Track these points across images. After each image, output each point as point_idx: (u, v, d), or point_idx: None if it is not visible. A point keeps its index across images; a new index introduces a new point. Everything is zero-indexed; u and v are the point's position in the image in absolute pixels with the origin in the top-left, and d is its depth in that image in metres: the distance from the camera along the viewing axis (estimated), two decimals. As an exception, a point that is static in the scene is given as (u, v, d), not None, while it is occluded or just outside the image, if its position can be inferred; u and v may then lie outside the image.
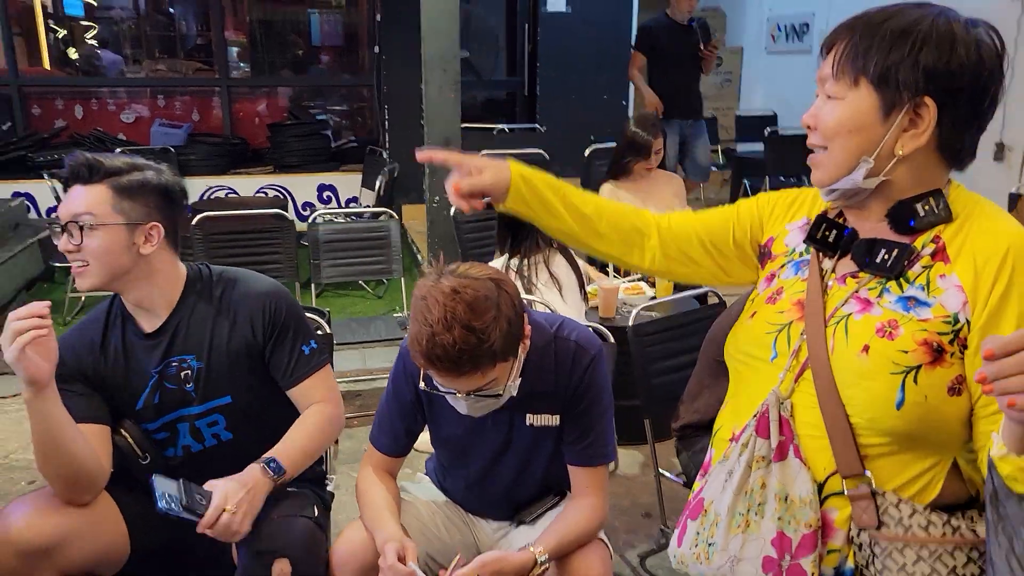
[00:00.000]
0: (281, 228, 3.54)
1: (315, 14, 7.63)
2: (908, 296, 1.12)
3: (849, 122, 1.12)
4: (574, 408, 1.62)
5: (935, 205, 1.12)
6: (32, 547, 1.50)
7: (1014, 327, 1.04)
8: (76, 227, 1.58)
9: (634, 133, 3.61)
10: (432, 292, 1.37)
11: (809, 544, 1.13)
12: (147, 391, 1.70)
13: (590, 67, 7.38)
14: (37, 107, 6.86)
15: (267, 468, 1.62)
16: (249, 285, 1.76)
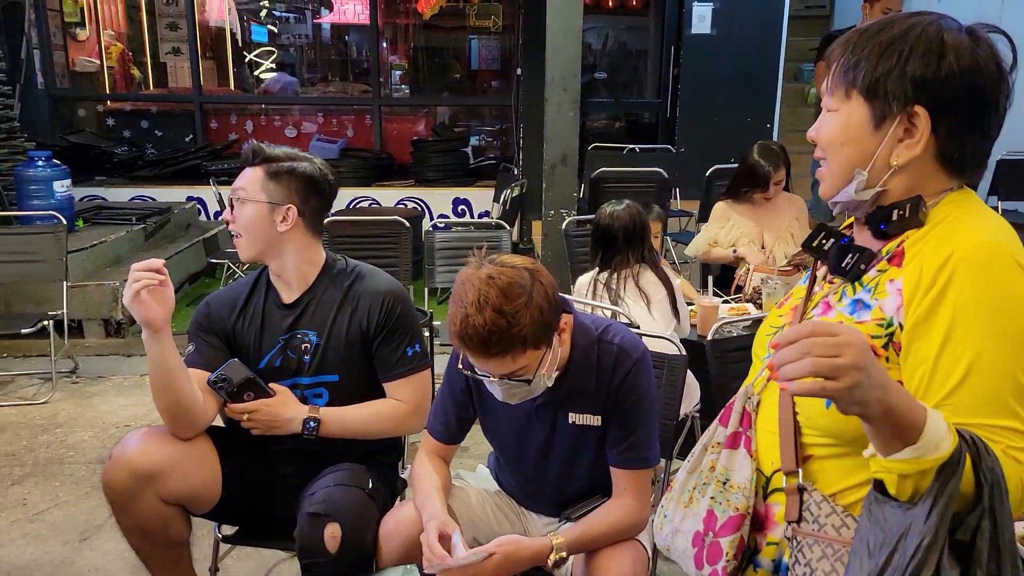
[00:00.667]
0: (399, 234, 3.77)
1: (475, 39, 8.00)
2: (857, 299, 1.12)
3: (842, 134, 1.12)
4: (615, 410, 1.64)
5: (908, 211, 1.09)
6: (143, 469, 1.74)
7: (942, 332, 1.01)
8: (232, 200, 1.87)
9: (755, 162, 3.49)
10: (470, 277, 1.46)
11: (732, 525, 1.18)
12: (271, 353, 1.92)
13: (734, 89, 7.25)
14: (215, 122, 7.63)
15: (305, 424, 1.85)
16: (374, 281, 1.94)
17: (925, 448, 0.93)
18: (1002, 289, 1.01)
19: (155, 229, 5.72)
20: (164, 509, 1.80)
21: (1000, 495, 0.94)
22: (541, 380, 1.55)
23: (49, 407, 3.70)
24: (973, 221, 1.09)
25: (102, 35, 7.82)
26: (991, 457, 0.95)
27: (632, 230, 2.82)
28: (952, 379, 1.00)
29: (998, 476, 0.94)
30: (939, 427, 0.95)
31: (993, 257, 1.03)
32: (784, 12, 7.27)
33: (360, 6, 7.91)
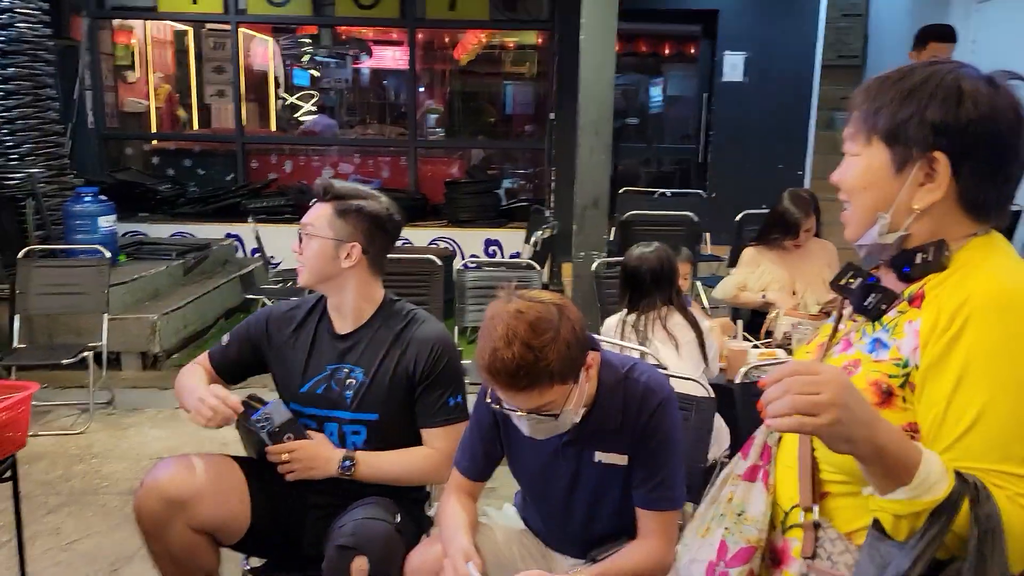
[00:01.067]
0: (431, 272, 3.82)
1: (510, 85, 8.16)
2: (876, 338, 1.13)
3: (863, 178, 1.14)
4: (641, 450, 1.65)
5: (931, 254, 1.11)
6: (173, 496, 1.79)
7: (955, 375, 1.02)
8: (305, 234, 1.93)
9: (785, 210, 3.51)
10: (499, 312, 1.49)
11: (742, 557, 1.19)
12: (316, 379, 1.96)
13: (766, 137, 7.30)
14: (256, 161, 7.84)
15: (342, 464, 1.89)
16: (426, 327, 1.97)
17: (918, 490, 0.95)
18: (1017, 337, 1.01)
19: (194, 265, 5.86)
20: (194, 538, 1.83)
21: (992, 543, 0.94)
22: (568, 416, 1.57)
23: (85, 437, 3.78)
24: (994, 266, 1.09)
25: (151, 77, 8.12)
26: (991, 503, 0.95)
27: (660, 272, 2.84)
28: (963, 423, 1.01)
29: (995, 523, 0.94)
30: (933, 469, 0.96)
31: (1009, 303, 1.03)
32: (816, 61, 7.34)
33: (399, 52, 8.14)
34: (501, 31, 7.89)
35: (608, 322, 2.94)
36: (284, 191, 7.36)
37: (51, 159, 5.35)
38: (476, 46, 8.03)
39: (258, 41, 8.24)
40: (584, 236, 4.04)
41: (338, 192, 1.92)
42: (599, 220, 4.00)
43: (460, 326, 3.92)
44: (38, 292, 4.05)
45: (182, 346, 5.07)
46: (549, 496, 1.78)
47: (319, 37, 8.21)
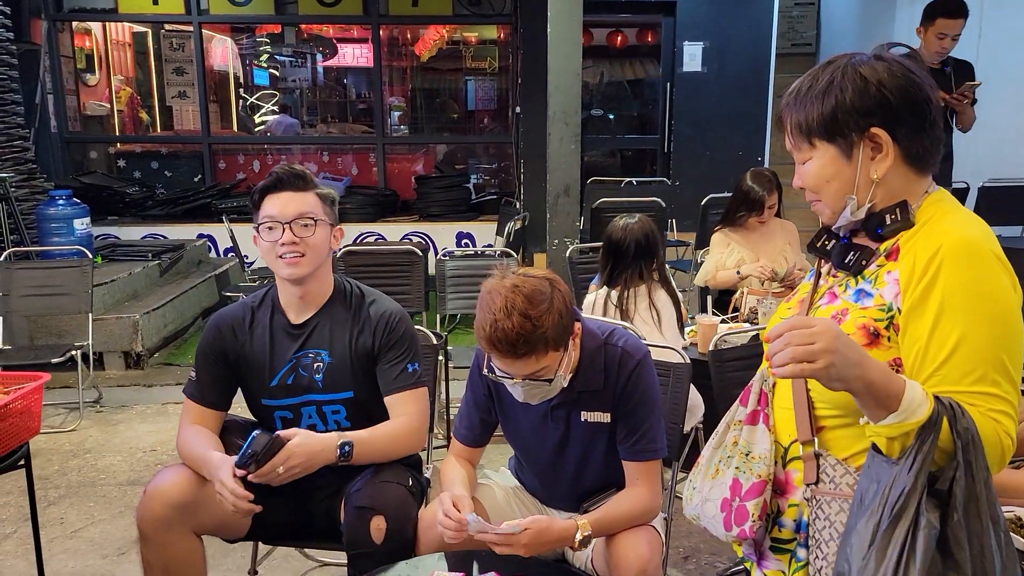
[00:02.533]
0: (412, 263, 3.95)
1: (471, 81, 8.28)
2: (860, 289, 1.29)
3: (823, 174, 1.31)
4: (623, 407, 1.81)
5: (899, 215, 1.27)
6: (175, 501, 1.84)
7: (933, 314, 1.19)
8: (301, 224, 1.93)
9: (749, 188, 3.67)
10: (496, 287, 1.64)
11: (756, 491, 1.35)
12: (283, 371, 2.00)
13: (726, 124, 7.53)
14: (223, 162, 7.86)
15: (340, 449, 1.89)
16: (380, 303, 2.07)
17: (905, 414, 1.12)
18: (983, 278, 1.18)
19: (169, 265, 5.89)
20: (192, 545, 1.90)
21: (974, 450, 1.11)
22: (559, 380, 1.72)
23: (77, 434, 3.84)
24: (953, 219, 1.26)
25: (112, 80, 8.07)
26: (966, 418, 1.12)
27: (645, 244, 2.89)
28: (942, 354, 1.18)
29: (972, 434, 1.11)
30: (915, 395, 1.13)
31: (975, 250, 1.20)
32: (772, 50, 7.59)
33: (359, 49, 8.21)
34: (462, 27, 8.00)
35: (588, 299, 3.00)
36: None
37: (19, 163, 5.36)
38: (438, 42, 8.13)
39: (217, 41, 8.23)
40: (557, 223, 4.19)
41: (312, 181, 1.99)
42: (571, 208, 4.16)
43: (441, 314, 4.04)
44: (21, 294, 4.08)
45: (163, 345, 5.12)
46: (541, 456, 1.93)
47: (282, 36, 8.23)
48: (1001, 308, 1.18)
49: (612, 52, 8.63)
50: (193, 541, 1.91)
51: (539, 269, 1.73)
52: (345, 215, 6.90)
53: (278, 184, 1.94)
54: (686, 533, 2.84)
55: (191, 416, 2.03)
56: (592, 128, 8.18)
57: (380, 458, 1.96)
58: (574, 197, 4.13)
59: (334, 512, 1.99)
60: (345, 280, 2.10)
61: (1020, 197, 5.76)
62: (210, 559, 2.00)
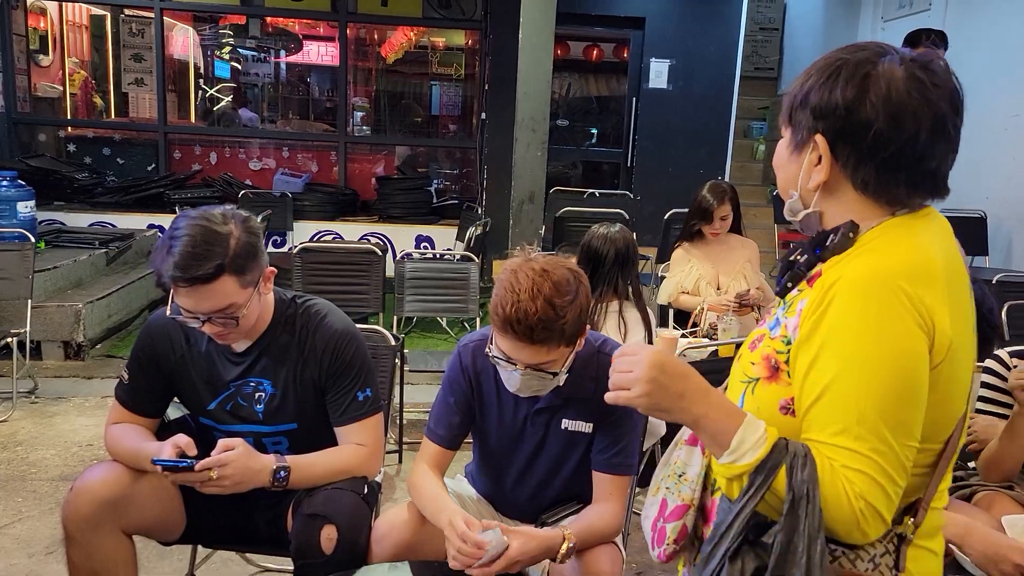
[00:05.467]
0: (371, 263, 3.87)
1: (436, 85, 8.22)
2: (777, 316, 1.18)
3: (776, 158, 1.22)
4: (607, 418, 1.76)
5: (839, 235, 1.12)
6: (103, 499, 1.73)
7: (814, 350, 1.06)
8: (223, 318, 1.71)
9: (702, 197, 3.70)
10: (523, 267, 1.57)
11: (677, 514, 1.27)
12: (222, 397, 1.88)
13: (689, 142, 7.61)
14: (179, 152, 7.66)
15: (276, 473, 1.75)
16: (326, 323, 1.88)
17: (735, 455, 1.05)
18: (874, 317, 1.03)
19: (117, 254, 5.70)
20: (122, 545, 1.79)
21: (807, 506, 1.00)
22: (561, 377, 1.67)
23: (8, 426, 3.65)
24: (885, 245, 1.09)
25: (66, 62, 7.82)
26: (806, 472, 1.01)
27: (626, 254, 2.81)
28: (811, 397, 1.06)
29: (808, 489, 1.00)
30: (748, 437, 1.05)
31: (873, 281, 1.05)
32: (736, 71, 7.70)
33: (325, 47, 8.09)
34: (430, 31, 7.95)
35: None
36: (209, 182, 7.22)
37: (-38, 141, 5.13)
38: (405, 44, 8.07)
39: (179, 30, 8.04)
40: (520, 230, 4.16)
41: (227, 260, 1.66)
42: (535, 214, 4.13)
43: (398, 316, 3.97)
44: (-44, 277, 3.89)
45: (106, 336, 4.93)
46: (511, 461, 1.86)
47: (247, 28, 8.08)
48: (886, 353, 1.02)
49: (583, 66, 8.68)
50: (123, 541, 1.79)
51: (565, 260, 1.66)
52: (303, 212, 6.78)
53: (180, 280, 1.64)
54: (639, 549, 2.81)
55: (117, 419, 1.90)
56: (556, 139, 8.19)
57: (323, 481, 1.83)
58: (538, 204, 4.10)
59: (278, 519, 1.90)
60: (288, 297, 1.93)
61: (966, 228, 5.91)
62: (144, 562, 1.90)
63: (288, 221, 6.57)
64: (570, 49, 8.67)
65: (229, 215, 1.73)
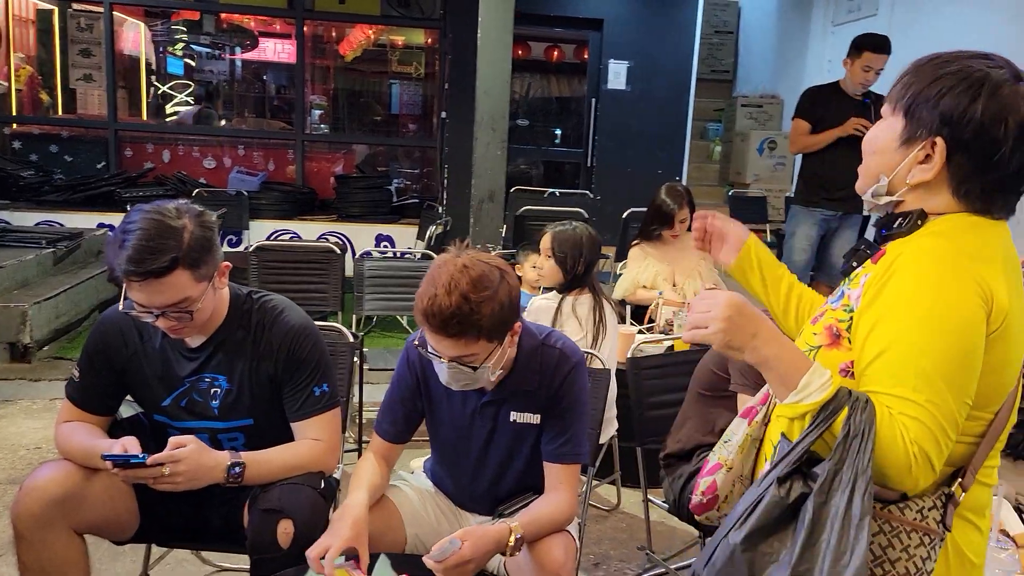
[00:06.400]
0: (330, 261, 3.83)
1: (396, 84, 8.17)
2: (841, 291, 1.28)
3: (876, 141, 1.27)
4: (554, 409, 1.79)
5: (907, 221, 1.22)
6: (54, 497, 1.70)
7: (876, 314, 1.17)
8: (178, 312, 1.69)
9: (662, 202, 3.76)
10: (446, 262, 1.61)
11: (711, 470, 1.43)
12: (176, 393, 1.86)
13: (646, 143, 7.69)
14: (130, 150, 7.49)
15: (230, 469, 1.73)
16: (282, 319, 1.87)
17: (801, 394, 1.14)
18: (930, 280, 1.13)
19: (65, 254, 5.55)
20: (73, 544, 1.75)
21: (860, 445, 1.08)
22: (485, 372, 1.68)
23: (-49, 429, 3.54)
24: (952, 231, 1.19)
25: (12, 58, 7.60)
26: (866, 415, 1.09)
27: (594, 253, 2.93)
28: (872, 355, 1.16)
29: (864, 430, 1.09)
30: (815, 380, 1.14)
31: (934, 252, 1.16)
32: (693, 73, 7.81)
33: (282, 44, 8.00)
34: (389, 30, 7.90)
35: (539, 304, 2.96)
36: (163, 181, 7.08)
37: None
38: (363, 42, 8.01)
39: (129, 25, 7.87)
40: (480, 228, 4.16)
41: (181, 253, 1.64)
42: (495, 213, 4.14)
43: (358, 316, 3.93)
44: None
45: (54, 337, 4.81)
46: (464, 455, 1.88)
47: (201, 24, 7.94)
48: (946, 315, 1.11)
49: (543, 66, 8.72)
50: (74, 541, 1.76)
51: (493, 256, 1.69)
52: (260, 211, 6.68)
53: (134, 274, 1.62)
54: (596, 540, 2.84)
55: (68, 418, 1.86)
56: (517, 139, 8.22)
57: (280, 477, 1.80)
58: (498, 203, 4.11)
59: (233, 516, 1.87)
60: (243, 293, 1.91)
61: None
62: (97, 563, 1.86)
63: (244, 220, 6.47)
64: (531, 50, 8.71)
65: (183, 209, 1.72)
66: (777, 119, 8.56)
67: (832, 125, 4.32)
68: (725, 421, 2.11)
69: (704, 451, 2.16)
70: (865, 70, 4.21)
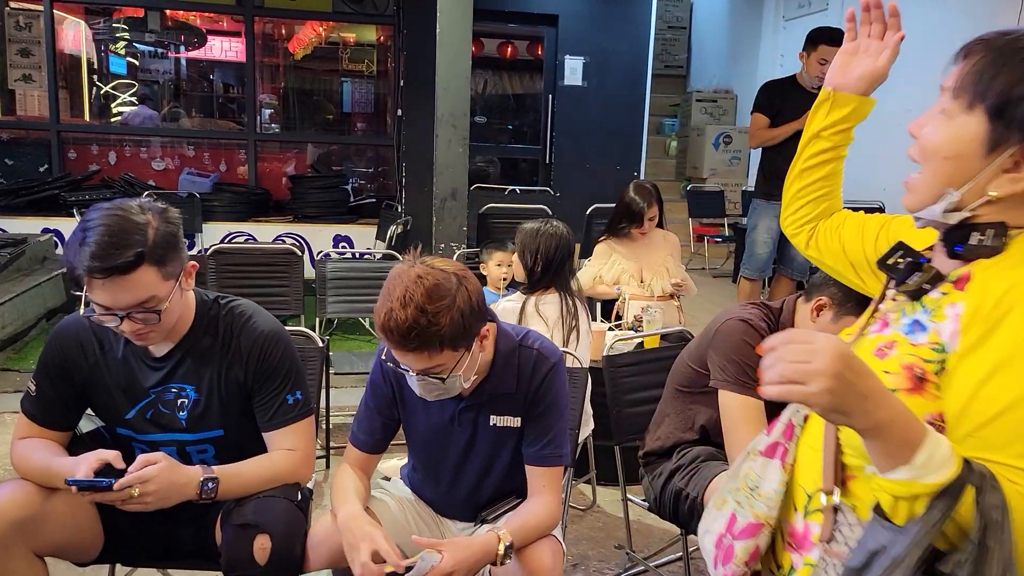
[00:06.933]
0: (290, 264, 3.74)
1: (348, 82, 8.04)
2: (915, 320, 1.05)
3: (949, 146, 1.02)
4: (534, 411, 1.75)
5: (988, 237, 1.01)
6: (13, 519, 1.60)
7: (991, 362, 0.96)
8: (144, 313, 1.60)
9: (631, 200, 3.77)
10: (401, 274, 1.55)
11: (749, 532, 1.16)
12: (141, 405, 1.77)
13: (604, 139, 7.71)
14: (74, 152, 7.24)
15: (203, 485, 1.65)
16: (251, 325, 1.79)
17: (919, 471, 0.91)
18: None
19: (8, 261, 5.32)
20: (35, 567, 1.67)
21: (999, 536, 0.89)
22: (457, 381, 1.63)
23: None
24: None
25: (-55, 57, 7.28)
26: (999, 495, 0.90)
27: (569, 251, 2.87)
28: (988, 412, 0.95)
29: (999, 516, 0.89)
30: (938, 452, 0.91)
31: None
32: (648, 69, 7.85)
33: (229, 42, 7.81)
34: (340, 27, 7.77)
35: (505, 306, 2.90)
36: (109, 183, 6.86)
37: None
38: (314, 39, 7.87)
39: (70, 23, 7.60)
40: (444, 227, 4.10)
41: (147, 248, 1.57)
42: (458, 212, 4.08)
43: (320, 318, 3.85)
44: None
45: (0, 348, 4.60)
46: (443, 462, 1.83)
47: (145, 22, 7.70)
48: None
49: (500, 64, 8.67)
50: (35, 564, 1.66)
51: (451, 262, 1.63)
52: (213, 213, 6.51)
53: (97, 271, 1.53)
54: (574, 541, 2.81)
55: (25, 434, 1.76)
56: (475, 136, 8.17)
57: (255, 490, 1.73)
58: (461, 201, 4.05)
59: (205, 532, 1.80)
60: (210, 298, 1.83)
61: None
62: (59, 586, 1.76)
63: (196, 223, 6.30)
64: (484, 46, 8.65)
65: (146, 206, 1.64)
66: (731, 113, 8.67)
67: (790, 118, 4.35)
68: (705, 417, 2.11)
69: (684, 448, 2.15)
70: (821, 63, 4.27)
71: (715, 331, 2.05)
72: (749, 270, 4.71)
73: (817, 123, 1.39)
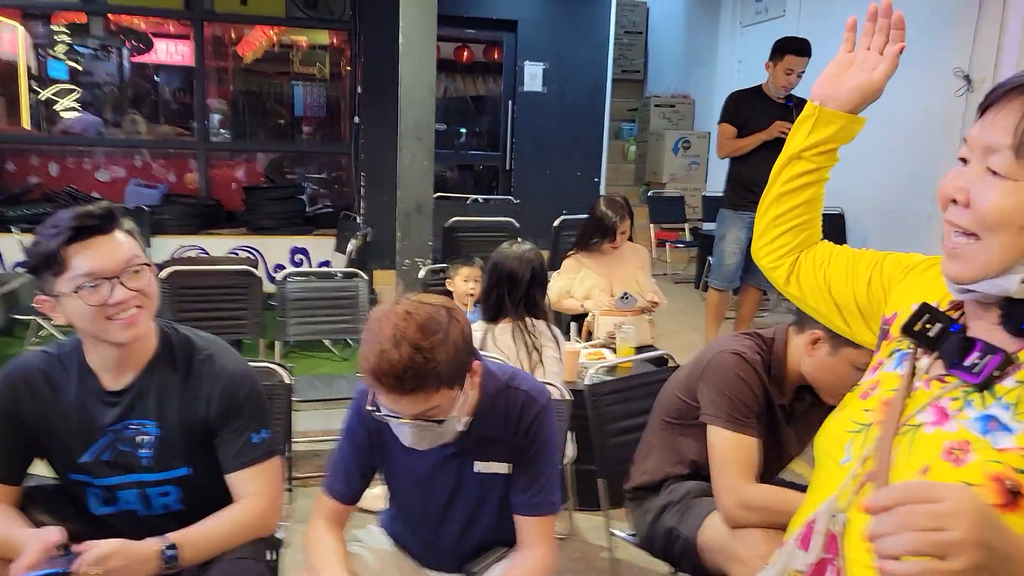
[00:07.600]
0: (249, 285, 3.57)
1: (299, 86, 7.83)
2: (990, 415, 0.89)
3: (1013, 212, 0.86)
4: (522, 456, 1.65)
5: None
6: None
7: None
8: (132, 272, 1.56)
9: (603, 214, 3.70)
10: (386, 313, 1.44)
11: None
12: (98, 446, 1.66)
13: (564, 145, 7.65)
14: (11, 163, 6.90)
15: (163, 553, 1.55)
16: (216, 361, 1.70)
17: None
18: None
19: (-58, 282, 5.04)
20: None
21: None
22: (452, 423, 1.53)
23: None
24: None
25: None
26: None
27: (541, 275, 2.78)
28: None
29: None
30: None
31: None
32: (608, 74, 7.82)
33: (176, 45, 7.54)
34: (291, 31, 7.57)
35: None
36: (51, 197, 6.54)
37: None
38: (264, 43, 7.65)
39: (5, 27, 7.25)
40: (409, 242, 3.97)
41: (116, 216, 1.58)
42: (423, 226, 3.96)
43: (282, 341, 3.68)
44: None
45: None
46: (426, 511, 1.73)
47: (88, 26, 7.38)
48: None
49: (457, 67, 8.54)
50: None
51: (435, 296, 1.53)
52: (163, 227, 6.26)
53: (83, 232, 1.52)
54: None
55: None
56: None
57: (220, 551, 1.63)
58: (426, 215, 3.93)
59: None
60: (169, 328, 1.74)
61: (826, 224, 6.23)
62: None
63: (145, 237, 6.05)
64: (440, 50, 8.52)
65: None
66: (689, 119, 8.69)
67: (757, 128, 4.35)
68: (695, 451, 2.04)
69: (673, 482, 2.07)
70: (787, 73, 4.27)
71: (707, 363, 1.97)
72: (717, 281, 4.69)
73: (798, 142, 1.23)
